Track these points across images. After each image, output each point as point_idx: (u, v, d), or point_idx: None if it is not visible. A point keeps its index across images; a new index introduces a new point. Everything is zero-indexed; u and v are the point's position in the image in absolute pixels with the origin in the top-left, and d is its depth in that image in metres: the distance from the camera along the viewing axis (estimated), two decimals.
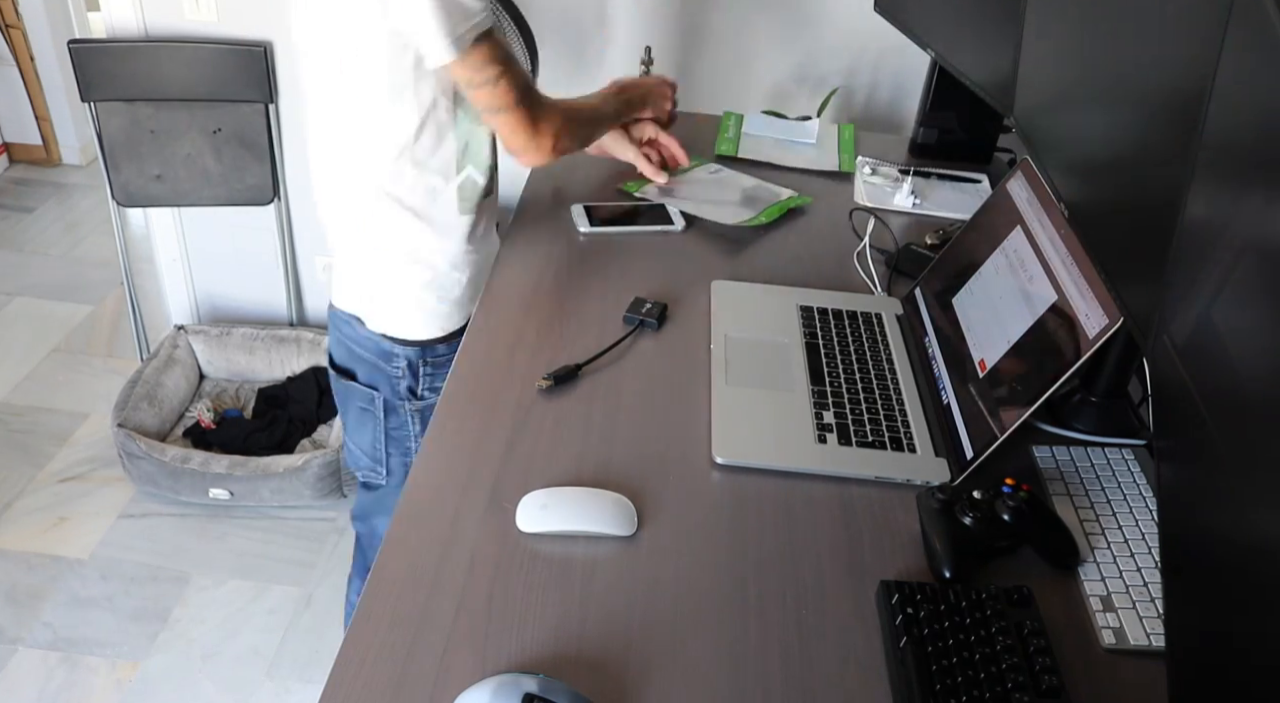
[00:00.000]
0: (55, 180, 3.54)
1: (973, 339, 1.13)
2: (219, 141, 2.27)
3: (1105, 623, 0.88)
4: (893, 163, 1.70)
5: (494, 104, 1.18)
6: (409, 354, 1.33)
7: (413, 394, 1.36)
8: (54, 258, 3.14)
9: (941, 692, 0.78)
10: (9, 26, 3.27)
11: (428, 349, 1.34)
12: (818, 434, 1.07)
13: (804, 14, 2.14)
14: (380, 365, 1.35)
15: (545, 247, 1.39)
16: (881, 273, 1.40)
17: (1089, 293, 0.98)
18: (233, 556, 2.14)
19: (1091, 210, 1.03)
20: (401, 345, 1.33)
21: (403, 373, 1.34)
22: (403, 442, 1.41)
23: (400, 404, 1.37)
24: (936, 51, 1.60)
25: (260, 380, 2.51)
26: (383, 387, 1.36)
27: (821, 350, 1.21)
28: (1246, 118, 0.67)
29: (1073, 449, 1.09)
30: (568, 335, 1.20)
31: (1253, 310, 0.63)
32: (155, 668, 1.90)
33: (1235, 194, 0.68)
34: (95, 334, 2.80)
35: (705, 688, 0.80)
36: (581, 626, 0.84)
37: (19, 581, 2.05)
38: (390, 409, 1.38)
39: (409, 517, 0.94)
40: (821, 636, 0.86)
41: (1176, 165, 0.79)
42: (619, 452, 1.03)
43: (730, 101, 2.02)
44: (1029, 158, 1.21)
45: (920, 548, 0.95)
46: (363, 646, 0.81)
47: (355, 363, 1.38)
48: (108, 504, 2.24)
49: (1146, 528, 0.98)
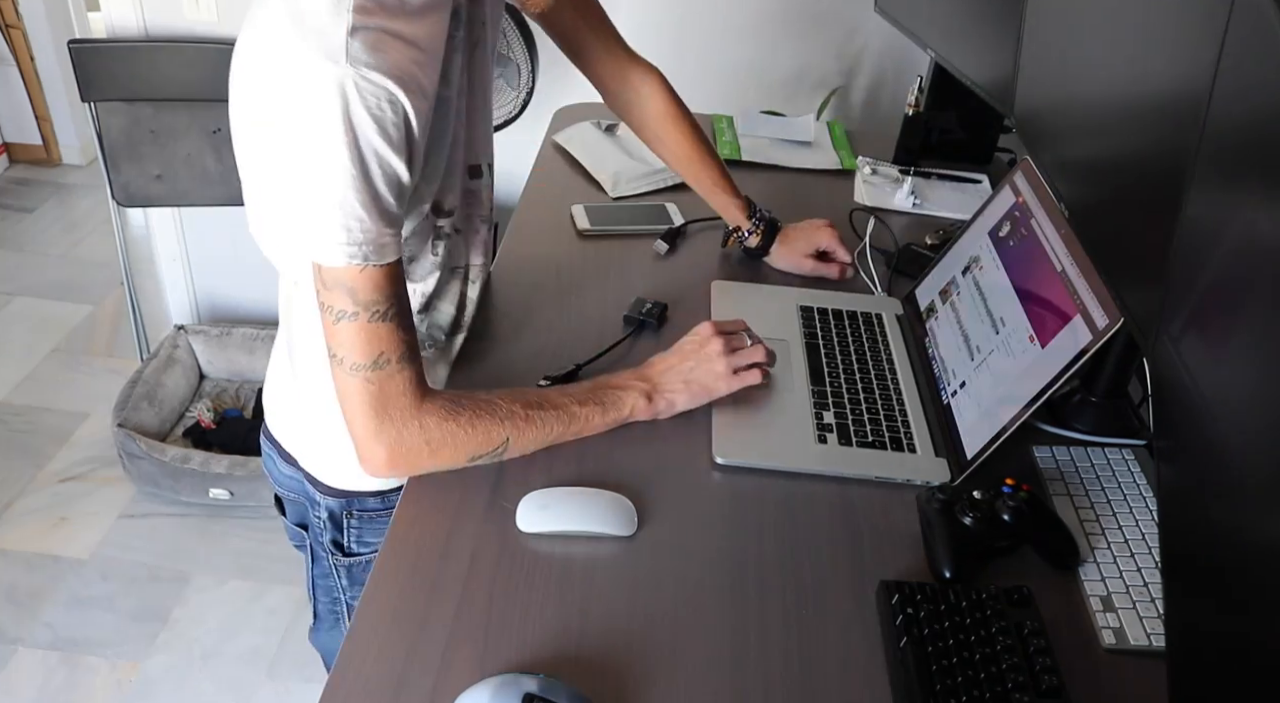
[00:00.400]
0: (55, 180, 3.55)
1: (973, 339, 1.13)
2: (219, 141, 2.27)
3: (1105, 623, 0.88)
4: (893, 163, 1.70)
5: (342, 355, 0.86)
6: (330, 505, 1.10)
7: (339, 548, 1.14)
8: (54, 258, 3.14)
9: (941, 692, 0.78)
10: (9, 26, 3.27)
11: (354, 500, 1.09)
12: (818, 434, 1.07)
13: (804, 14, 2.14)
14: (302, 504, 1.16)
15: (545, 247, 1.39)
16: (881, 273, 1.40)
17: (1089, 293, 0.98)
18: (233, 556, 2.14)
19: (1091, 210, 1.03)
20: (323, 493, 1.10)
21: (324, 525, 1.12)
22: (330, 591, 1.22)
23: (324, 556, 1.17)
24: (936, 51, 1.60)
25: (260, 380, 2.50)
26: (311, 529, 1.17)
27: (821, 350, 1.21)
28: (1246, 118, 0.67)
29: (1073, 449, 1.09)
30: (568, 335, 1.20)
31: (1253, 311, 0.63)
32: (155, 668, 1.90)
33: (1235, 194, 0.68)
34: (95, 334, 2.80)
35: (705, 688, 0.80)
36: (581, 626, 0.84)
37: (19, 581, 2.05)
38: (315, 557, 1.20)
39: (409, 517, 0.94)
40: (821, 636, 0.86)
41: (1176, 166, 0.79)
42: (619, 452, 1.03)
43: (730, 101, 2.01)
44: (1029, 158, 1.21)
45: (920, 548, 0.95)
46: (363, 646, 0.81)
47: (285, 499, 1.20)
48: (108, 504, 2.24)
49: (1146, 528, 0.98)
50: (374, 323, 0.85)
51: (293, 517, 1.21)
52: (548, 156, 1.64)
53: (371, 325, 0.85)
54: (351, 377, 0.86)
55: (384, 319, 0.85)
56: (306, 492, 1.13)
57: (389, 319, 0.85)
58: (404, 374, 0.88)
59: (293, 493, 1.17)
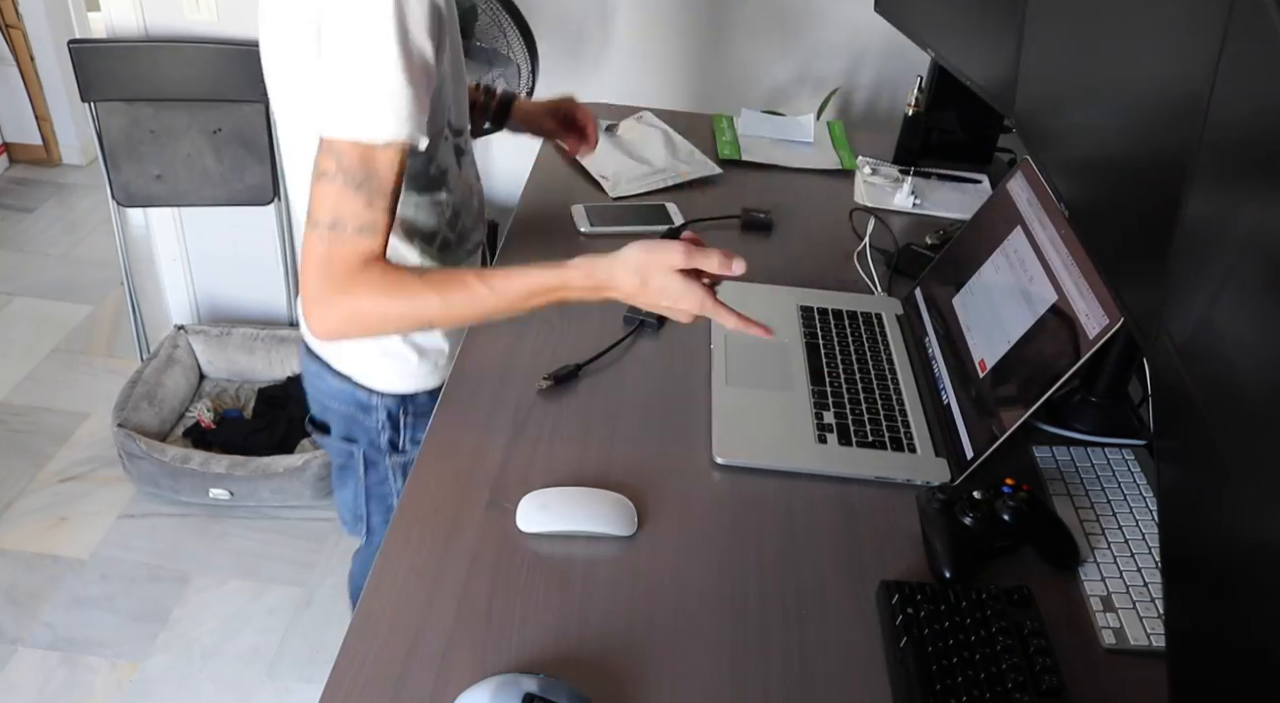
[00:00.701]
0: (55, 180, 3.54)
1: (973, 339, 1.13)
2: (219, 141, 2.27)
3: (1105, 623, 0.88)
4: (893, 163, 1.70)
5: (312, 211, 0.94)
6: (388, 405, 1.20)
7: (394, 447, 1.24)
8: (54, 258, 3.14)
9: (941, 692, 0.78)
10: (9, 26, 3.27)
11: (409, 400, 1.21)
12: (818, 434, 1.07)
13: (804, 14, 2.14)
14: (357, 418, 1.23)
15: (545, 247, 1.39)
16: (881, 273, 1.40)
17: (1089, 293, 0.98)
18: (233, 556, 2.14)
19: (1091, 210, 1.03)
20: (379, 396, 1.20)
21: (382, 425, 1.22)
22: (384, 498, 1.30)
23: (380, 458, 1.25)
24: (936, 51, 1.60)
25: (260, 380, 2.51)
26: (360, 439, 1.25)
27: (822, 350, 1.21)
28: (1246, 118, 0.67)
29: (1073, 449, 1.09)
30: (568, 335, 1.20)
31: (1253, 310, 0.63)
32: (155, 668, 1.90)
33: (1235, 194, 0.68)
34: (95, 334, 2.80)
35: (705, 688, 0.80)
36: (581, 626, 0.84)
37: (19, 581, 2.04)
38: (370, 463, 1.27)
39: (409, 517, 0.94)
40: (822, 636, 0.86)
41: (1176, 165, 0.79)
42: (619, 452, 1.03)
43: (730, 101, 2.02)
44: (1029, 158, 1.21)
45: (920, 548, 0.95)
46: (363, 645, 0.81)
47: (329, 416, 1.26)
48: (108, 504, 2.24)
49: (1146, 528, 0.98)
50: (346, 189, 0.91)
51: (339, 431, 1.26)
52: (548, 157, 1.64)
53: (343, 190, 0.91)
54: (310, 232, 0.94)
55: (356, 189, 0.92)
56: (358, 399, 1.20)
57: (361, 191, 0.92)
58: (355, 245, 0.93)
59: (342, 404, 1.22)
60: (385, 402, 1.20)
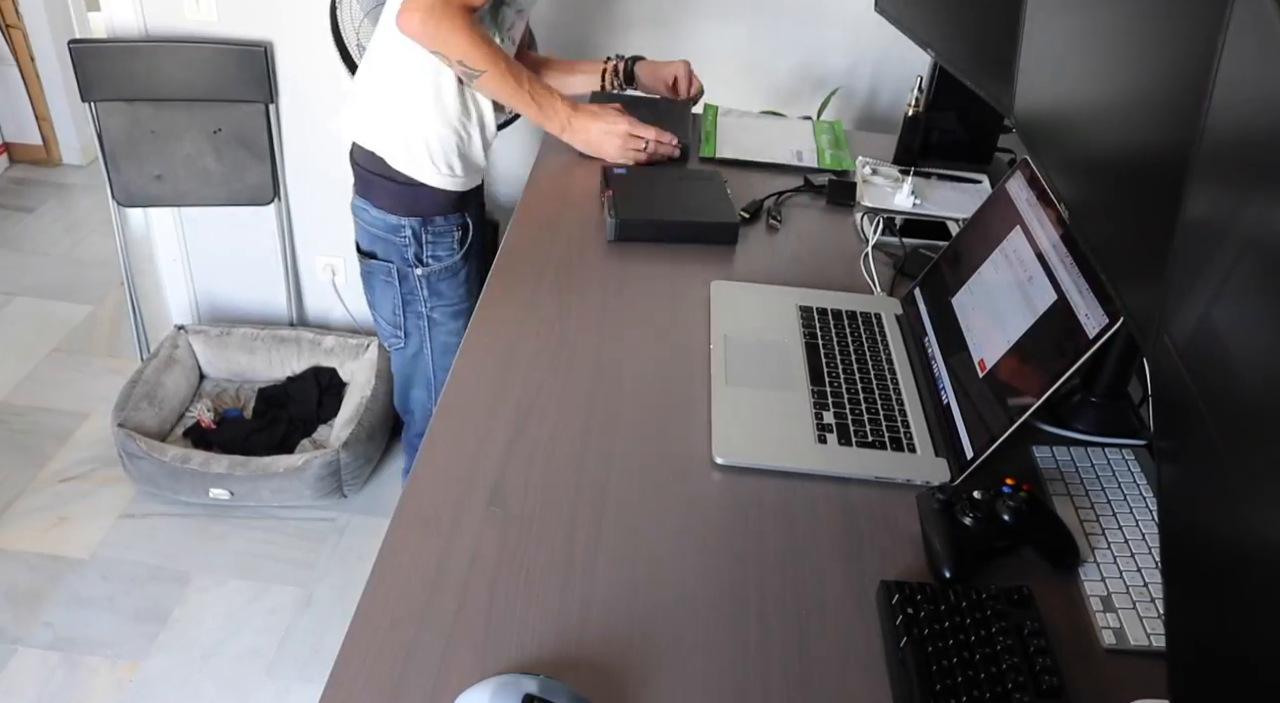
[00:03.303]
0: (55, 180, 3.55)
1: (972, 339, 1.13)
2: (219, 141, 2.28)
3: (1105, 623, 0.88)
4: (893, 164, 1.70)
5: None
6: (413, 224, 1.57)
7: (419, 260, 1.60)
8: (54, 258, 3.14)
9: (941, 692, 0.78)
10: (9, 26, 3.27)
11: (428, 221, 1.58)
12: (818, 434, 1.07)
13: (804, 14, 2.14)
14: (391, 239, 1.59)
15: (545, 247, 1.39)
16: (885, 274, 1.40)
17: (1089, 293, 0.98)
18: (233, 556, 2.14)
19: (1091, 210, 1.03)
20: (406, 217, 1.56)
21: (409, 241, 1.58)
22: (415, 305, 1.66)
23: (410, 271, 1.61)
24: (936, 51, 1.60)
25: (260, 380, 2.51)
26: (395, 259, 1.61)
27: (821, 350, 1.21)
28: (1246, 117, 0.67)
29: (1073, 449, 1.09)
30: (567, 336, 1.20)
31: (1253, 310, 0.63)
32: (155, 668, 1.90)
33: (1235, 194, 0.68)
34: (95, 334, 2.80)
35: (705, 688, 0.80)
36: (581, 626, 0.84)
37: (19, 581, 2.05)
38: (403, 277, 1.62)
39: (409, 517, 0.94)
40: (822, 636, 0.86)
41: (1176, 164, 0.79)
42: (619, 452, 1.03)
43: (730, 102, 2.02)
44: (1029, 158, 1.21)
45: (920, 548, 0.95)
46: (363, 646, 0.81)
47: (374, 244, 1.62)
48: (108, 504, 2.24)
49: (1146, 528, 0.98)
50: None
51: (382, 253, 1.62)
52: (548, 157, 1.65)
53: None
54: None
55: None
56: (389, 223, 1.57)
57: None
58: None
59: (380, 230, 1.59)
60: (410, 223, 1.57)
